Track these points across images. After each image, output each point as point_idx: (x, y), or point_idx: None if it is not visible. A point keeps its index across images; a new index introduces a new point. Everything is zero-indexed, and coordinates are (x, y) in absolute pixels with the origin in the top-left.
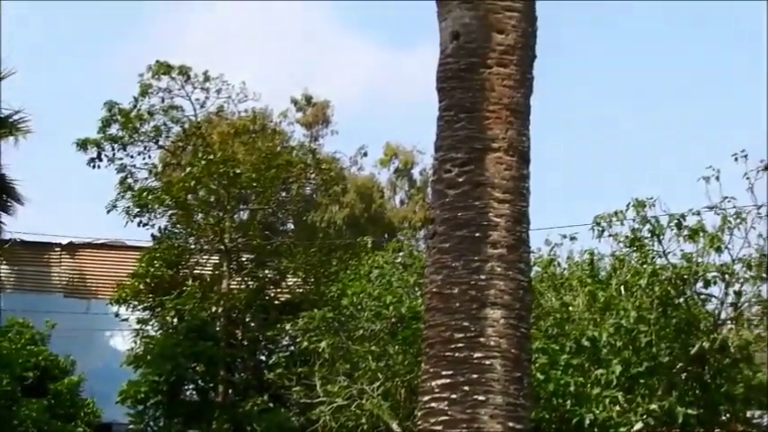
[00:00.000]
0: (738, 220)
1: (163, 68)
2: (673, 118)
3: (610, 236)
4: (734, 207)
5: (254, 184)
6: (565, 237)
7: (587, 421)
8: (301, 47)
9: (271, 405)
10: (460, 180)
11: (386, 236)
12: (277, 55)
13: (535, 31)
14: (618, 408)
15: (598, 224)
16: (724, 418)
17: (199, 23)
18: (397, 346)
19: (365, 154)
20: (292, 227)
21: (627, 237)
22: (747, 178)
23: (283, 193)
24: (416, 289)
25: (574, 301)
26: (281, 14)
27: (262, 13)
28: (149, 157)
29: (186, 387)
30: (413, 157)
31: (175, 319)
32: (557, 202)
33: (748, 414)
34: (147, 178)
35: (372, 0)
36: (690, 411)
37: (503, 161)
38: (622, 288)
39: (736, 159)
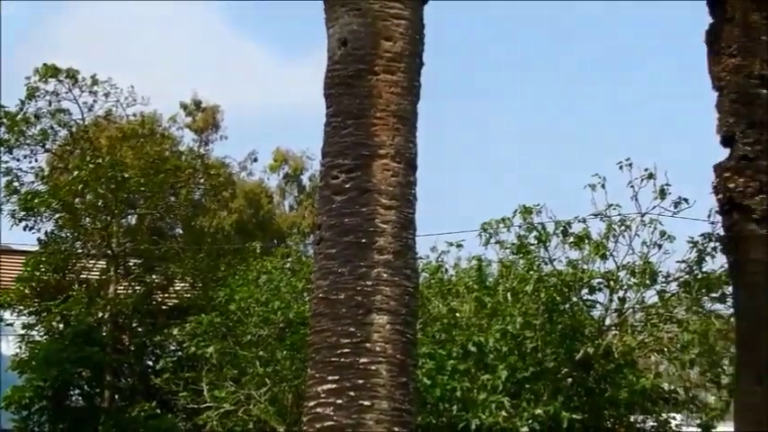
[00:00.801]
0: (623, 228)
1: (50, 71)
2: (560, 124)
3: (497, 243)
4: (619, 215)
5: (143, 189)
6: (452, 244)
7: (474, 426)
8: (192, 51)
9: (158, 411)
10: (347, 186)
11: (275, 241)
12: (167, 59)
13: (423, 38)
14: (504, 413)
15: (485, 231)
16: (608, 423)
17: (88, 26)
18: (284, 352)
19: (255, 159)
20: (180, 232)
21: (513, 243)
22: (632, 186)
23: (172, 198)
24: (305, 294)
25: (461, 306)
26: (171, 18)
27: (151, 16)
28: (36, 160)
29: (72, 393)
30: (303, 162)
31: (61, 325)
32: (444, 209)
33: (632, 419)
34: (33, 182)
35: (265, 0)
36: (575, 416)
37: (389, 168)
38: (509, 294)
39: (621, 168)
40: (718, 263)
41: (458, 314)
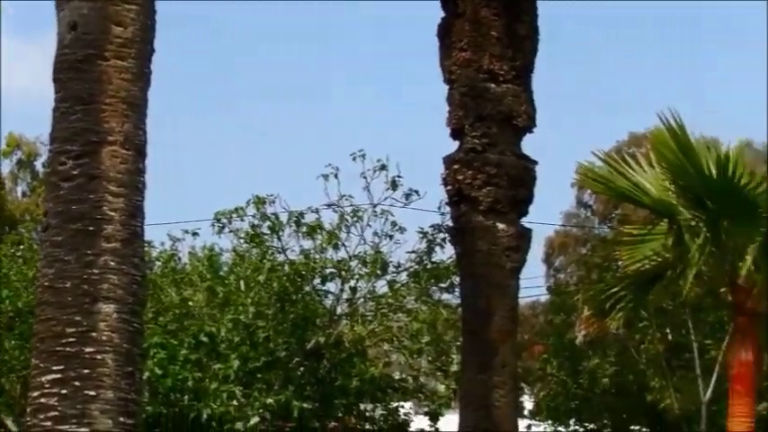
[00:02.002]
0: (355, 218)
1: None
2: (297, 116)
3: (230, 232)
4: (351, 205)
5: None
6: (187, 232)
7: (205, 416)
8: None
9: None
10: (75, 173)
11: (6, 228)
12: None
13: (154, 25)
14: (235, 402)
15: (219, 220)
16: (339, 411)
17: None
18: (13, 342)
19: None
20: None
21: (247, 233)
22: (364, 177)
23: None
24: (35, 283)
25: (194, 296)
26: None
27: None
28: None
29: None
30: (36, 148)
31: None
32: (180, 197)
33: (362, 407)
34: None
35: None
36: (305, 405)
37: (118, 154)
38: (242, 283)
39: (354, 159)
40: (447, 253)
41: (190, 303)
